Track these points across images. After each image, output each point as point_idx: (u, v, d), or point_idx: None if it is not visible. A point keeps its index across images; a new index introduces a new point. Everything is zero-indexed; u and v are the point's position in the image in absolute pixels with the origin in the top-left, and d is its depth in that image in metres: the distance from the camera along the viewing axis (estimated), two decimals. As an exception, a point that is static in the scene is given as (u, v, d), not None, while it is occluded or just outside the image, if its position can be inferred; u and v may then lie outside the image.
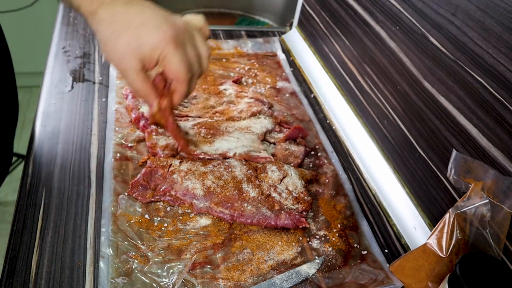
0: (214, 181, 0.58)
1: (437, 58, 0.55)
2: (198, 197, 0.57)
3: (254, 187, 0.57)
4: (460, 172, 0.48)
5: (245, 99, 0.75)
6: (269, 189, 0.58)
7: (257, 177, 0.59)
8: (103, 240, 0.51)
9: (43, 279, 0.47)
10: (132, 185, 0.57)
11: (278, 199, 0.57)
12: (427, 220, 0.58)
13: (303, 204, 0.58)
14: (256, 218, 0.55)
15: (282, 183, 0.59)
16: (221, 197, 0.56)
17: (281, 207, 0.57)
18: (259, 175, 0.59)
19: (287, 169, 0.61)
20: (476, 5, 0.48)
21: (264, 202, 0.57)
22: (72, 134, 0.65)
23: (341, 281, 0.51)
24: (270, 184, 0.59)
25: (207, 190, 0.57)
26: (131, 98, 0.71)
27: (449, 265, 0.48)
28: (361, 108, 0.73)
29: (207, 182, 0.57)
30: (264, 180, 0.59)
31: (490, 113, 0.47)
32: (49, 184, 0.57)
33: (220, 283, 0.49)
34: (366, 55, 0.71)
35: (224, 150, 0.64)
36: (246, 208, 0.56)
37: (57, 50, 0.83)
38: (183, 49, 0.48)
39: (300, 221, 0.56)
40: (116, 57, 0.48)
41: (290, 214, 0.56)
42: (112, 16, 0.47)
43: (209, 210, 0.56)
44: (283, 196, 0.58)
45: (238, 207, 0.56)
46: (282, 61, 0.92)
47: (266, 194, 0.57)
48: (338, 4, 0.78)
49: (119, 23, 0.47)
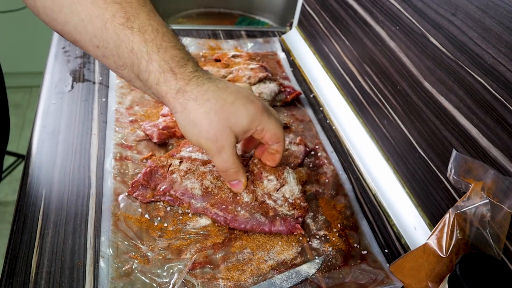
0: (212, 181, 0.57)
1: (437, 58, 0.55)
2: (196, 197, 0.56)
3: (249, 192, 0.56)
4: (460, 172, 0.48)
5: (250, 65, 0.80)
6: (264, 196, 0.56)
7: (252, 182, 0.57)
8: (103, 240, 0.51)
9: (43, 279, 0.47)
10: (132, 185, 0.57)
11: (272, 206, 0.56)
12: (427, 220, 0.58)
13: (299, 210, 0.56)
14: (249, 224, 0.54)
15: (279, 191, 0.57)
16: (217, 199, 0.56)
17: (276, 213, 0.55)
18: (255, 181, 0.57)
19: (286, 176, 0.57)
20: (476, 5, 0.48)
21: (258, 208, 0.55)
22: (72, 134, 0.65)
23: (341, 281, 0.51)
24: (265, 192, 0.57)
25: (205, 190, 0.57)
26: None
27: (449, 265, 0.48)
28: (361, 108, 0.73)
29: (206, 182, 0.57)
30: (258, 187, 0.57)
31: (490, 113, 0.47)
32: (49, 184, 0.57)
33: (220, 283, 0.49)
34: (366, 55, 0.71)
35: None
36: (240, 213, 0.55)
37: (57, 50, 0.83)
38: (272, 114, 0.52)
39: (295, 228, 0.55)
40: (212, 135, 0.48)
41: (285, 220, 0.55)
42: (205, 93, 0.47)
43: (205, 210, 0.56)
44: (278, 203, 0.56)
45: (232, 210, 0.55)
46: (282, 61, 0.92)
47: (260, 201, 0.56)
48: (338, 4, 0.78)
49: (213, 99, 0.47)
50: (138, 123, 0.68)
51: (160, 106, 0.72)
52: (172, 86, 0.46)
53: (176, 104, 0.47)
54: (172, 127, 0.67)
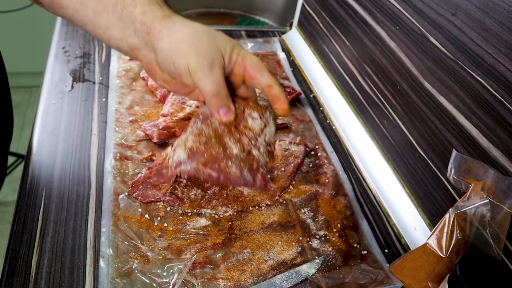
0: (194, 140, 0.54)
1: (437, 58, 0.55)
2: (184, 161, 0.54)
3: (236, 142, 0.53)
4: (460, 172, 0.48)
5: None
6: (249, 145, 0.54)
7: (237, 128, 0.54)
8: (103, 240, 0.51)
9: (43, 279, 0.47)
10: (132, 185, 0.57)
11: (257, 156, 0.54)
12: (427, 220, 0.58)
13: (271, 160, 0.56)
14: (239, 182, 0.54)
15: (262, 134, 0.54)
16: (207, 157, 0.53)
17: (258, 165, 0.55)
18: (238, 126, 0.54)
19: (268, 116, 0.54)
20: (476, 5, 0.48)
21: (245, 161, 0.54)
22: (72, 134, 0.65)
23: (341, 281, 0.51)
24: (251, 137, 0.54)
25: (190, 152, 0.54)
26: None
27: (449, 265, 0.48)
28: (361, 108, 0.73)
29: (188, 144, 0.54)
30: (244, 133, 0.54)
31: (490, 113, 0.47)
32: (49, 184, 0.57)
33: (220, 283, 0.49)
34: (366, 55, 0.71)
35: None
36: (232, 170, 0.54)
37: (57, 50, 0.83)
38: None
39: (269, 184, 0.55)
40: (203, 49, 0.47)
41: (264, 177, 0.55)
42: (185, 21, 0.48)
43: (197, 171, 0.54)
44: (261, 150, 0.54)
45: (224, 168, 0.53)
46: (282, 61, 0.92)
47: (247, 151, 0.54)
48: (338, 4, 0.79)
49: (198, 24, 0.48)
50: (138, 123, 0.68)
51: (160, 106, 0.72)
52: (158, 14, 0.47)
53: (162, 28, 0.47)
54: (172, 127, 0.67)
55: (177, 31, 0.47)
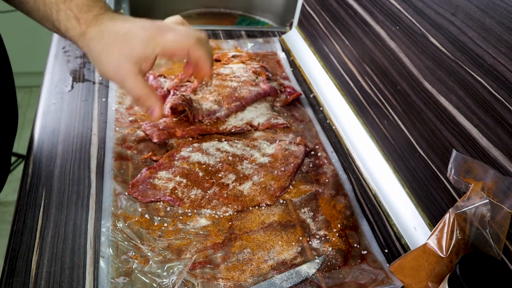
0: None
1: (437, 58, 0.55)
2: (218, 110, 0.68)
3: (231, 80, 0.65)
4: (460, 172, 0.48)
5: (250, 65, 0.82)
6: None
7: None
8: (103, 240, 0.51)
9: (43, 279, 0.47)
10: (132, 185, 0.58)
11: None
12: (427, 220, 0.58)
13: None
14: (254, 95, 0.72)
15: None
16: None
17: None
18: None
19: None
20: (476, 5, 0.48)
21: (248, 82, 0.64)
22: (72, 134, 0.65)
23: (341, 281, 0.51)
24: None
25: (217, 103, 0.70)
26: (153, 79, 0.75)
27: (449, 265, 0.48)
28: (361, 108, 0.73)
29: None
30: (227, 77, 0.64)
31: (490, 113, 0.47)
32: (49, 184, 0.57)
33: (220, 283, 0.49)
34: (366, 55, 0.71)
35: (248, 119, 0.72)
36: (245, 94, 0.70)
37: (57, 50, 0.83)
38: (173, 30, 0.50)
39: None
40: (112, 68, 0.49)
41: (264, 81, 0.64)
42: (100, 31, 0.49)
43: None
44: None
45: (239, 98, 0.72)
46: (282, 61, 0.92)
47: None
48: (338, 4, 0.78)
49: (108, 36, 0.49)
50: (138, 123, 0.68)
51: (160, 106, 0.72)
52: (77, 31, 0.49)
53: (83, 46, 0.50)
54: (172, 127, 0.67)
55: (92, 50, 0.50)
